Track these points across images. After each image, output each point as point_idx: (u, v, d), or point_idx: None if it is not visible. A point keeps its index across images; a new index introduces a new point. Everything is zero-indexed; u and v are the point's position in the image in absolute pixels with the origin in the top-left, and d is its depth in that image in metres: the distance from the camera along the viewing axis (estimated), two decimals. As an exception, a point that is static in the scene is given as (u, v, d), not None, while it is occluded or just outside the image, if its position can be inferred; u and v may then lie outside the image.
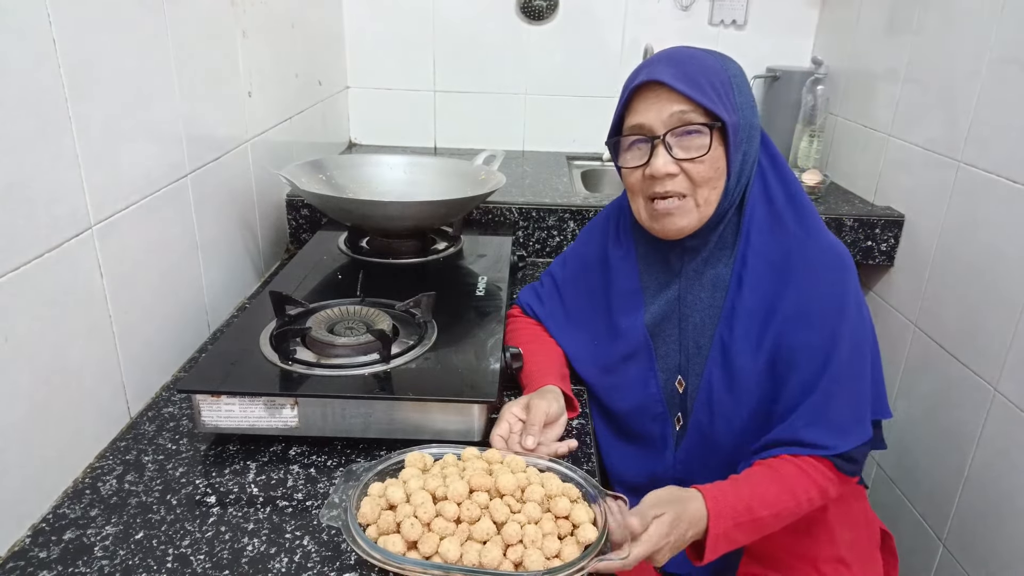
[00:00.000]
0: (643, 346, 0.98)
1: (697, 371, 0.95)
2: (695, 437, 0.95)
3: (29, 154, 0.72)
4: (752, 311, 0.90)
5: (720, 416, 0.93)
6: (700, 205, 0.89)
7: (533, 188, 1.66)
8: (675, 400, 0.98)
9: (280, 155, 1.45)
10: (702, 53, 0.90)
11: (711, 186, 0.89)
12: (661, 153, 0.88)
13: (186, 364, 1.06)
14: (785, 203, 0.92)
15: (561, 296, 1.11)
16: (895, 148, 1.57)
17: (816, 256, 0.90)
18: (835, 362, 0.87)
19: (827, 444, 0.86)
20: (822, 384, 0.87)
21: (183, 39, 1.03)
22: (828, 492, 0.88)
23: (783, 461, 0.87)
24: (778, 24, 1.97)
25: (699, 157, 0.87)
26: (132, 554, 0.71)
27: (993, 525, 1.23)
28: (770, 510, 0.84)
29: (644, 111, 0.89)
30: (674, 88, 0.86)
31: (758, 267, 0.91)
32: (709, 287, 0.94)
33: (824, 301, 0.88)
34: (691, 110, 0.86)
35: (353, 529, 0.68)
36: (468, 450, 0.80)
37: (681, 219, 0.90)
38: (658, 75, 0.86)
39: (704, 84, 0.86)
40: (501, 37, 1.98)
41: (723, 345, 0.92)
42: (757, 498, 0.83)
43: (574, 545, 0.69)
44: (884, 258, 1.56)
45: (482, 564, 0.66)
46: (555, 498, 0.72)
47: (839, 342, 0.87)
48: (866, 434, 0.89)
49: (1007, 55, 1.23)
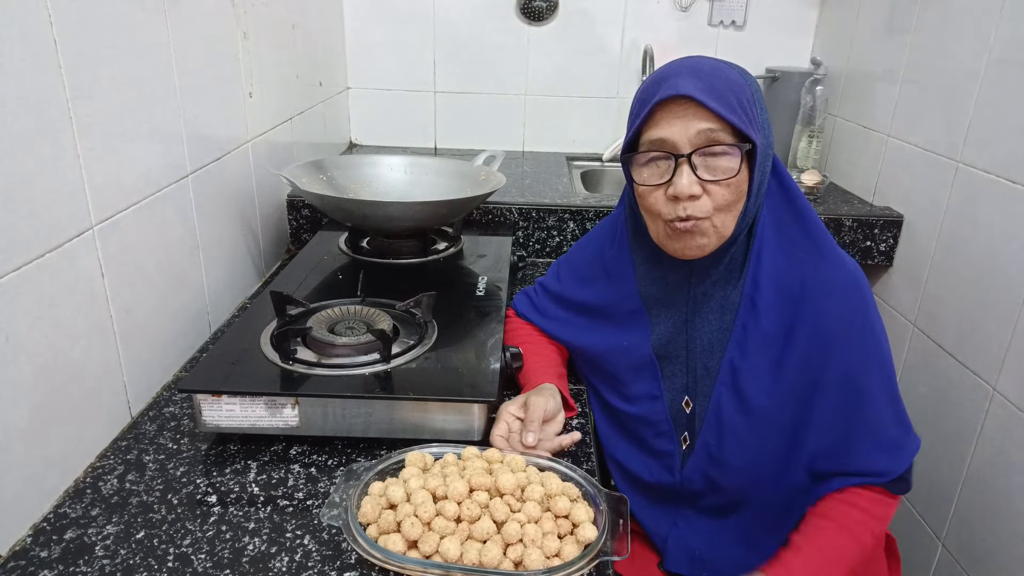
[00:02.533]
0: (648, 365, 0.96)
1: (705, 392, 0.93)
2: (703, 457, 0.93)
3: (30, 154, 0.72)
4: (769, 335, 0.88)
5: (732, 438, 0.91)
6: (717, 227, 0.85)
7: (533, 188, 1.67)
8: (681, 419, 0.96)
9: (281, 155, 1.45)
10: (724, 65, 0.85)
11: (730, 210, 0.84)
12: (686, 172, 0.81)
13: (187, 364, 1.07)
14: (795, 223, 0.89)
15: (558, 305, 1.08)
16: (894, 148, 1.58)
17: (833, 280, 0.87)
18: (872, 383, 0.86)
19: (883, 469, 0.86)
20: (866, 410, 0.86)
21: (184, 40, 1.03)
22: (887, 519, 0.88)
23: (835, 503, 0.87)
24: (777, 25, 1.97)
25: (726, 180, 0.81)
26: (133, 553, 0.71)
27: (992, 525, 1.23)
28: (843, 569, 0.83)
29: (667, 126, 0.82)
30: (704, 104, 0.79)
31: (771, 291, 0.88)
32: (718, 310, 0.91)
33: (849, 325, 0.86)
34: (720, 129, 0.80)
35: (354, 528, 0.68)
36: (468, 449, 0.80)
37: (702, 239, 0.85)
38: (685, 88, 0.80)
39: (733, 101, 0.81)
40: (501, 37, 1.98)
41: (733, 368, 0.90)
42: (827, 562, 0.83)
43: (574, 544, 0.69)
44: (883, 258, 1.57)
45: (482, 563, 0.66)
46: (555, 497, 0.72)
47: (872, 363, 0.87)
48: (915, 444, 0.89)
49: (1006, 55, 1.24)
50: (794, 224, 0.89)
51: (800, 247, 0.89)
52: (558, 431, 0.90)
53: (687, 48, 1.98)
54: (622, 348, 0.98)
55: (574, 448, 0.90)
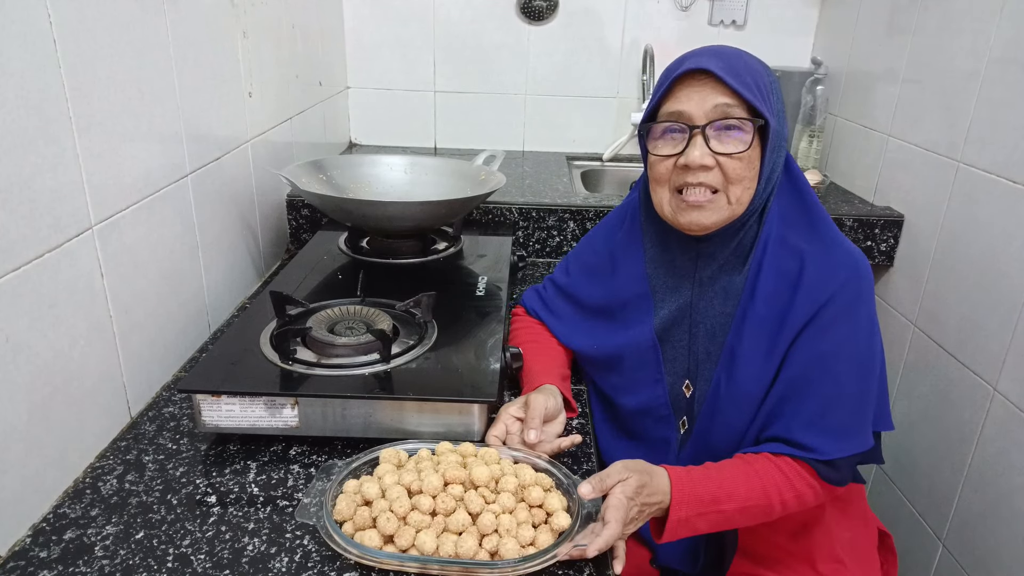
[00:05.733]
0: (651, 349, 0.97)
1: (706, 377, 0.94)
2: (699, 442, 0.95)
3: (29, 154, 0.72)
4: (763, 320, 0.89)
5: (721, 423, 0.92)
6: (732, 203, 0.87)
7: (533, 188, 1.66)
8: (681, 404, 0.97)
9: (280, 155, 1.45)
10: (747, 54, 0.89)
11: (744, 185, 0.87)
12: (699, 144, 0.85)
13: (187, 364, 1.07)
14: (802, 216, 0.91)
15: (566, 301, 1.09)
16: (894, 148, 1.58)
17: (830, 265, 0.88)
18: (840, 368, 0.86)
19: (817, 448, 0.85)
20: (824, 389, 0.86)
21: (184, 39, 1.03)
22: (806, 498, 0.87)
23: (763, 458, 0.87)
24: (778, 24, 1.97)
25: (737, 153, 0.85)
26: (132, 554, 0.71)
27: (992, 524, 1.23)
28: (737, 504, 0.83)
29: (686, 99, 0.86)
30: (721, 79, 0.83)
31: (770, 278, 0.89)
32: (722, 294, 0.93)
33: (835, 309, 0.86)
34: (736, 104, 0.84)
35: (329, 526, 0.69)
36: (442, 444, 0.80)
37: (712, 214, 0.88)
38: (705, 64, 0.84)
39: (750, 81, 0.85)
40: (501, 37, 1.98)
41: (732, 353, 0.91)
42: (725, 491, 0.83)
43: (548, 533, 0.71)
44: (883, 258, 1.56)
45: (458, 555, 0.67)
46: (528, 487, 0.73)
47: (846, 348, 0.86)
48: (864, 444, 0.88)
49: (1006, 55, 1.23)
50: (801, 216, 0.91)
51: (804, 238, 0.90)
52: (559, 432, 0.91)
53: (687, 48, 1.97)
54: (628, 339, 0.99)
55: (574, 449, 0.90)
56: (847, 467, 0.89)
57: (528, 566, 0.67)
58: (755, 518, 0.86)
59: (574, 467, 0.87)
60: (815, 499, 0.88)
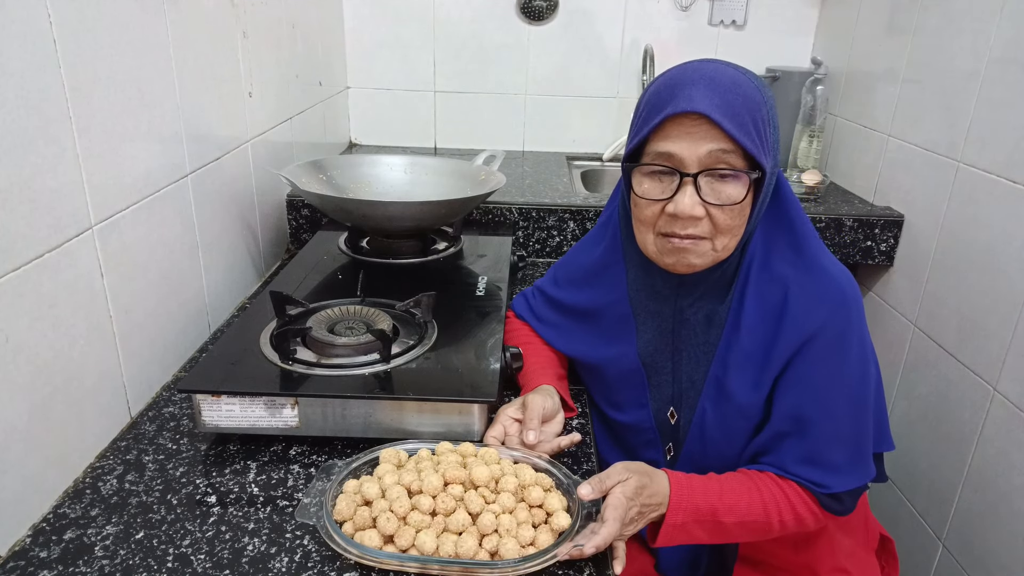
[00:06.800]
0: (636, 372, 0.96)
1: (690, 405, 0.93)
2: (687, 468, 0.93)
3: (29, 154, 0.72)
4: (749, 354, 0.86)
5: (714, 451, 0.91)
6: (718, 251, 0.83)
7: (533, 188, 1.66)
8: (666, 430, 0.96)
9: (280, 155, 1.45)
10: (743, 78, 0.80)
11: (732, 234, 0.82)
12: (689, 192, 0.79)
13: (187, 364, 1.07)
14: (784, 236, 0.86)
15: (553, 309, 1.08)
16: (894, 148, 1.58)
17: (815, 295, 0.83)
18: (835, 406, 0.84)
19: (818, 482, 0.84)
20: (819, 428, 0.84)
21: (183, 39, 1.03)
22: (806, 522, 0.86)
23: (767, 477, 0.86)
24: (778, 24, 1.97)
25: (730, 205, 0.79)
26: (132, 554, 0.71)
27: (992, 524, 1.23)
28: (735, 518, 0.82)
29: (676, 140, 0.78)
30: (717, 124, 0.76)
31: (754, 309, 0.86)
32: (704, 323, 0.90)
33: (824, 342, 0.83)
34: (732, 151, 0.77)
35: (329, 526, 0.69)
36: (442, 444, 0.80)
37: (696, 259, 0.83)
38: (700, 105, 0.76)
39: (748, 121, 0.77)
40: (501, 37, 1.98)
41: (718, 383, 0.89)
42: (725, 503, 0.82)
43: (548, 533, 0.71)
44: (883, 258, 1.56)
45: (458, 555, 0.67)
46: (528, 487, 0.73)
47: (838, 384, 0.84)
48: (867, 476, 0.86)
49: (1006, 55, 1.23)
50: (784, 237, 0.87)
51: (788, 262, 0.86)
52: (557, 432, 0.90)
53: (687, 48, 1.98)
54: (612, 356, 0.98)
55: (574, 448, 0.90)
56: (850, 499, 0.88)
57: (528, 566, 0.67)
58: (753, 534, 0.85)
59: (574, 467, 0.87)
60: (815, 524, 0.87)
